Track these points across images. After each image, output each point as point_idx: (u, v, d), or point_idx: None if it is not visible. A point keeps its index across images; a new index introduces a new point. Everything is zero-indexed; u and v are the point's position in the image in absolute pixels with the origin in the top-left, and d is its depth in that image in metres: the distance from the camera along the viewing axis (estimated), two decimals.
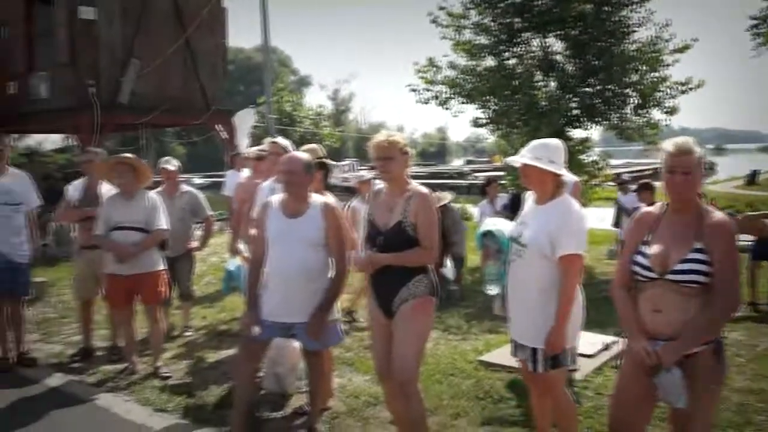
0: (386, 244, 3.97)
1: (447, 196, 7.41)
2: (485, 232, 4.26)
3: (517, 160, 3.92)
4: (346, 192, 11.11)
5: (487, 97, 12.33)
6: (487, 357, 6.10)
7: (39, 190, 6.58)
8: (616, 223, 11.24)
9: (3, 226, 6.10)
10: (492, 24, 12.31)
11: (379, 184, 4.23)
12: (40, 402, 5.44)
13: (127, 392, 5.58)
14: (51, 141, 31.39)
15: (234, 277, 6.31)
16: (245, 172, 10.32)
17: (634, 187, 10.57)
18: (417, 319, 3.96)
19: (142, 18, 15.62)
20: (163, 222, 5.89)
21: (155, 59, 15.46)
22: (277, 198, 4.51)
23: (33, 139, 34.26)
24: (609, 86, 11.71)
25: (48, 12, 15.60)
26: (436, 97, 12.83)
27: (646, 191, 9.25)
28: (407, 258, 3.93)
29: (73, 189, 6.56)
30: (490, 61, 12.53)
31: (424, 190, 4.03)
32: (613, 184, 14.46)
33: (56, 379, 5.97)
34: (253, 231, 4.68)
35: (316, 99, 76.84)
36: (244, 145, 15.31)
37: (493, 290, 4.19)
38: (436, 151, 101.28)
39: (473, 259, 9.13)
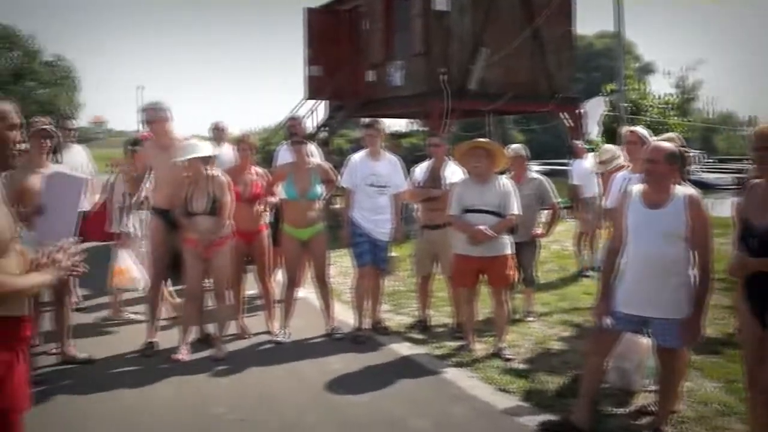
0: (762, 246, 3.58)
1: None
2: None
3: None
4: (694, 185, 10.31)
5: None
6: None
7: None
8: None
9: (368, 206, 6.64)
10: None
11: (756, 180, 3.84)
12: (391, 368, 5.82)
13: (472, 369, 5.74)
14: (397, 125, 33.59)
15: None
16: (588, 161, 10.16)
17: None
18: None
19: (491, 8, 15.95)
20: (515, 207, 5.94)
21: (503, 47, 15.72)
22: (637, 188, 4.33)
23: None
24: None
25: (405, 5, 16.59)
26: None
27: None
28: None
29: (419, 171, 6.92)
30: None
31: None
32: None
33: (405, 349, 6.35)
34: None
35: (659, 86, 73.15)
36: (594, 133, 15.03)
37: None
38: None
39: None
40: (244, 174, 6.60)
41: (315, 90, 18.52)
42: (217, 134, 8.92)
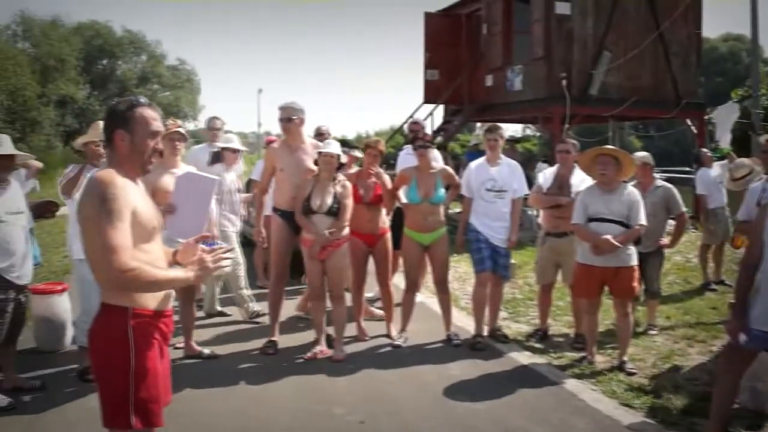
0: None
1: None
2: None
3: None
4: None
5: None
6: None
7: None
8: None
9: (486, 211, 6.62)
10: None
11: None
12: (510, 377, 5.78)
13: (593, 381, 5.62)
14: (512, 130, 33.21)
15: None
16: (715, 170, 9.76)
17: None
18: None
19: (614, 10, 15.54)
20: (642, 217, 5.76)
21: (626, 51, 15.29)
22: None
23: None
24: None
25: (525, 9, 16.39)
26: None
27: None
28: None
29: (545, 177, 6.82)
30: None
31: None
32: None
33: (525, 357, 6.28)
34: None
35: None
36: (726, 141, 14.41)
37: None
38: None
39: None
40: (366, 177, 6.69)
41: (432, 94, 18.58)
42: (320, 139, 9.05)
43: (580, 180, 6.47)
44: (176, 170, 5.87)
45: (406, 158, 7.87)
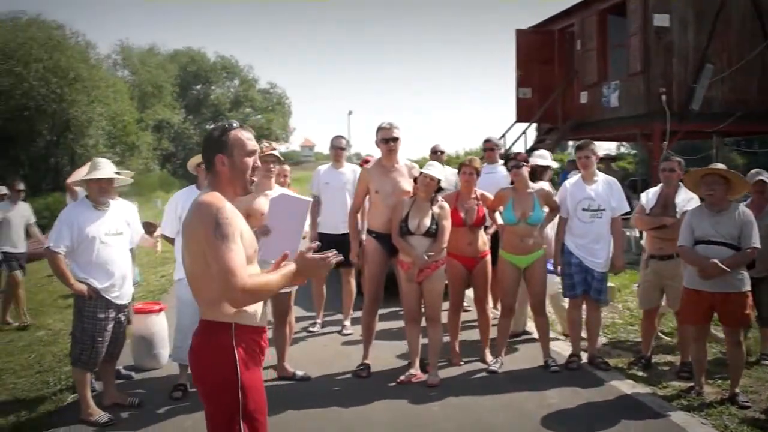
0: None
1: None
2: None
3: None
4: None
5: None
6: None
7: None
8: None
9: (582, 232, 6.39)
10: None
11: None
12: (613, 407, 5.49)
13: (702, 414, 5.30)
14: (605, 148, 32.46)
15: None
16: None
17: None
18: None
19: (717, 20, 14.99)
20: (756, 239, 5.40)
21: (731, 62, 14.73)
22: None
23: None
24: None
25: (621, 23, 16.01)
26: None
27: None
28: None
29: (647, 196, 6.53)
30: None
31: None
32: None
33: (627, 386, 5.97)
34: None
35: None
36: None
37: None
38: None
39: None
40: (467, 199, 6.55)
41: (525, 112, 18.34)
42: (436, 158, 8.83)
43: (686, 199, 6.17)
44: (271, 192, 5.88)
45: (485, 178, 7.68)
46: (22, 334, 8.69)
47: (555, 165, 7.79)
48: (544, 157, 7.78)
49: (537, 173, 7.22)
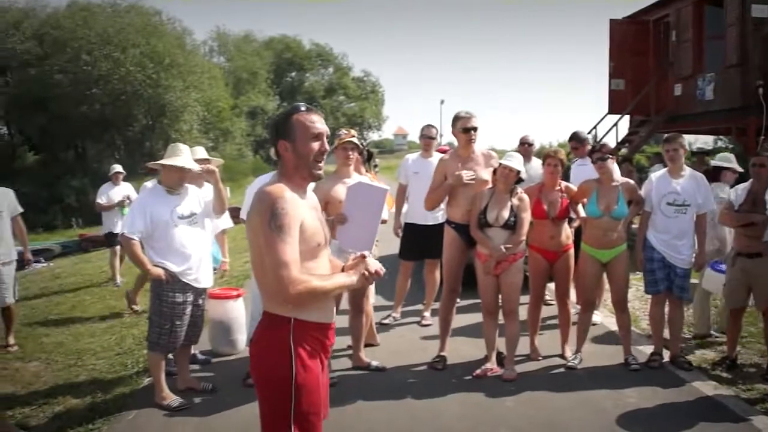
0: None
1: None
2: None
3: None
4: None
5: None
6: None
7: None
8: None
9: (665, 227, 6.28)
10: None
11: None
12: (693, 409, 5.38)
13: None
14: (701, 142, 31.34)
15: None
16: None
17: None
18: None
19: None
20: None
21: None
22: None
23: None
24: None
25: (718, 14, 15.46)
26: None
27: None
28: None
29: (736, 192, 6.36)
30: None
31: None
32: None
33: (709, 388, 5.84)
34: None
35: None
36: None
37: None
38: None
39: None
40: (551, 191, 6.50)
41: (617, 104, 17.91)
42: (524, 149, 8.74)
43: None
44: (349, 180, 5.91)
45: (578, 170, 7.59)
46: (106, 316, 8.94)
47: (739, 169, 7.59)
48: (729, 160, 7.66)
49: (718, 175, 7.24)
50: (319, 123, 2.99)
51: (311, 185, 3.18)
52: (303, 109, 3.00)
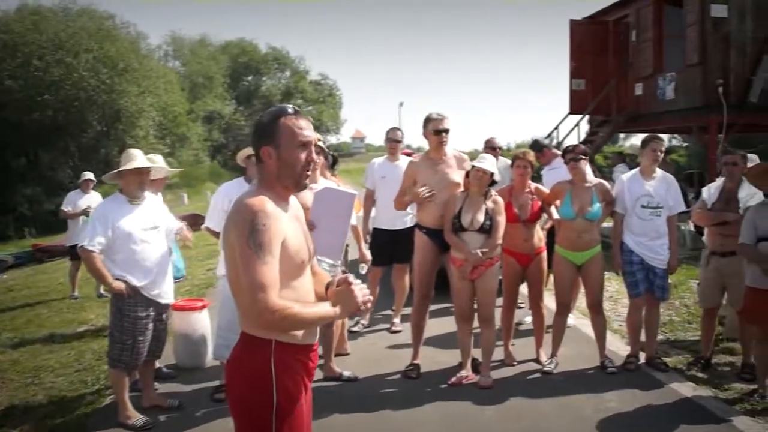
0: None
1: None
2: None
3: None
4: None
5: None
6: None
7: None
8: None
9: (642, 230, 6.19)
10: None
11: None
12: (672, 410, 5.29)
13: (766, 419, 5.09)
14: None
15: None
16: None
17: None
18: None
19: None
20: None
21: None
22: None
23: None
24: None
25: (678, 14, 15.62)
26: None
27: None
28: None
29: (709, 191, 6.31)
30: None
31: None
32: None
33: (686, 389, 5.77)
34: None
35: None
36: None
37: None
38: None
39: None
40: (521, 193, 6.38)
41: (578, 104, 18.00)
42: (494, 154, 8.58)
43: (749, 195, 5.95)
44: (316, 186, 5.67)
45: (550, 175, 7.52)
46: (65, 330, 8.57)
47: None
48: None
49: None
50: (307, 130, 2.75)
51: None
52: (291, 112, 2.75)
